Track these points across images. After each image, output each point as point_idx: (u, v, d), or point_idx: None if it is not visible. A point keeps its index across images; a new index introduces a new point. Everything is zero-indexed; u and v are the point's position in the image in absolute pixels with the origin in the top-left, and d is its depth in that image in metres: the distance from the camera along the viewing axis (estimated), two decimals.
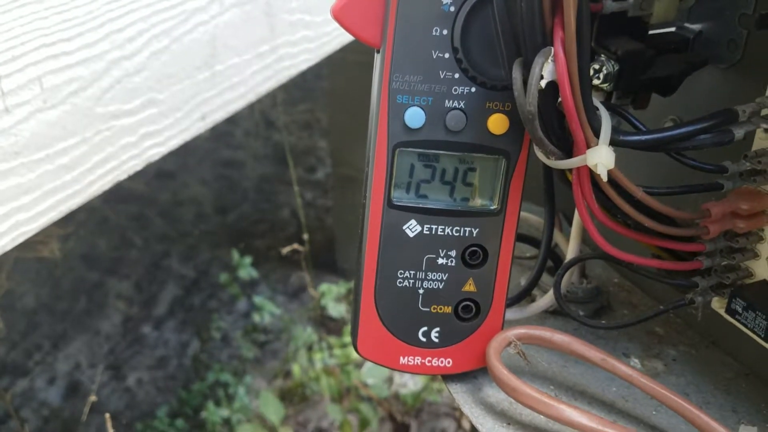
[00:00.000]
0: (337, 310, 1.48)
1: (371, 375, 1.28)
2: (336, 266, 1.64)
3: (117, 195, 0.48)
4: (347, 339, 1.41)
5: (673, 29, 0.39)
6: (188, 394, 1.33)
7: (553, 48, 0.29)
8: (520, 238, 0.47)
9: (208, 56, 0.66)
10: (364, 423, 1.19)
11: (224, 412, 1.26)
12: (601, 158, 0.30)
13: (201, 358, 1.43)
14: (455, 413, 1.29)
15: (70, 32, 0.54)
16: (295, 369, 1.35)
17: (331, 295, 1.49)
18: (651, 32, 0.37)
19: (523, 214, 0.43)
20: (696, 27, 0.39)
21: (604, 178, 0.30)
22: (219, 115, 0.69)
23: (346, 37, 0.77)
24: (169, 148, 0.64)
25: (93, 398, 0.75)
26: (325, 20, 0.81)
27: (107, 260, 1.63)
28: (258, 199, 1.88)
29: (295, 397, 1.33)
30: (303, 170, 1.94)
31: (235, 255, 1.52)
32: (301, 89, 2.02)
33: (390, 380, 1.34)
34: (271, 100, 1.50)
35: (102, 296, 1.57)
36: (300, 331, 1.43)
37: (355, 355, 1.37)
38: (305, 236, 1.05)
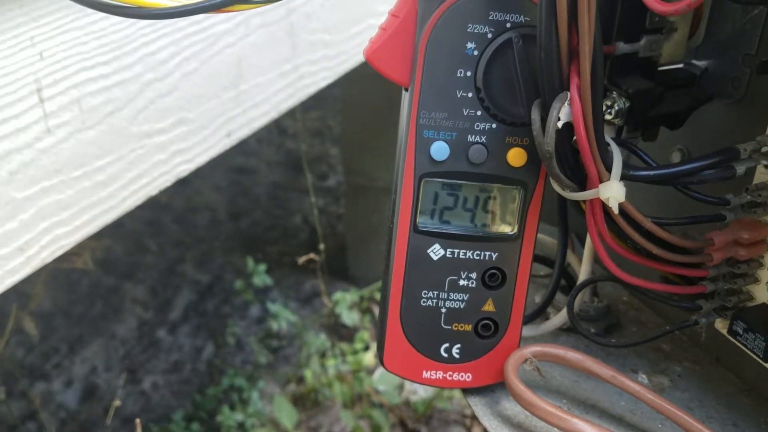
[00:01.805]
0: (350, 317, 1.50)
1: (383, 382, 1.30)
2: (347, 273, 1.66)
3: None
4: (359, 346, 1.43)
5: (681, 66, 0.41)
6: (203, 398, 1.35)
7: (569, 93, 0.32)
8: (536, 258, 0.49)
9: (234, 76, 0.69)
10: (375, 429, 1.22)
11: (239, 416, 1.29)
12: (612, 192, 0.33)
13: (215, 363, 1.46)
14: (465, 421, 1.31)
15: (107, 56, 0.57)
16: (308, 375, 1.37)
17: (345, 304, 1.51)
18: (661, 69, 0.40)
19: (538, 235, 0.46)
20: (702, 64, 0.41)
21: (616, 210, 0.33)
22: (243, 132, 0.72)
23: None
24: (197, 165, 0.67)
25: (117, 403, 0.78)
26: (344, 39, 0.84)
27: (123, 265, 1.66)
28: (270, 206, 1.91)
29: (307, 402, 1.36)
30: (315, 177, 1.97)
31: (250, 262, 1.55)
32: (313, 97, 2.04)
33: (401, 387, 1.37)
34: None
35: (118, 301, 1.59)
36: (313, 337, 1.46)
37: (367, 361, 1.40)
38: (321, 246, 1.08)
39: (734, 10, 0.40)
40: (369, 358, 1.41)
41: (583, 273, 0.43)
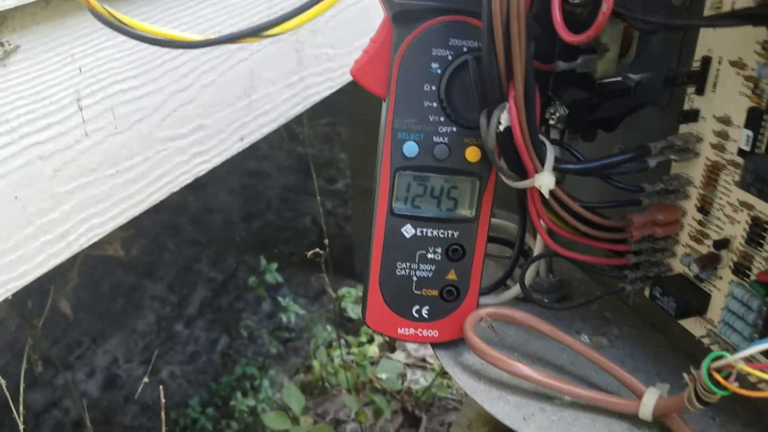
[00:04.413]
0: (355, 312, 1.58)
1: (385, 370, 1.38)
2: (354, 271, 1.74)
3: None
4: (364, 338, 1.52)
5: (619, 79, 0.50)
6: (218, 386, 1.44)
7: (507, 103, 0.40)
8: (500, 241, 0.58)
9: (246, 87, 0.78)
10: (378, 413, 1.30)
11: (251, 402, 1.37)
12: (544, 181, 0.41)
13: (229, 354, 1.54)
14: None
15: (136, 71, 0.65)
16: (316, 365, 1.46)
17: (350, 299, 1.59)
18: (601, 81, 0.48)
19: (502, 222, 0.55)
20: (637, 77, 0.49)
21: (546, 195, 0.42)
22: (255, 136, 0.81)
23: None
24: (213, 165, 0.76)
25: (146, 380, 0.86)
26: (346, 53, 0.93)
27: (143, 264, 1.74)
28: (282, 208, 1.99)
29: (315, 390, 1.44)
30: (324, 181, 2.05)
31: (263, 261, 1.64)
32: (322, 104, 2.12)
33: (403, 376, 1.45)
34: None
35: (138, 297, 1.67)
36: (320, 330, 1.54)
37: (371, 353, 1.48)
38: (326, 241, 1.16)
39: (658, 33, 0.48)
40: (373, 349, 1.49)
41: (536, 251, 0.52)
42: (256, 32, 0.35)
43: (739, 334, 0.41)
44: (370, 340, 1.51)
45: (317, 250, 1.06)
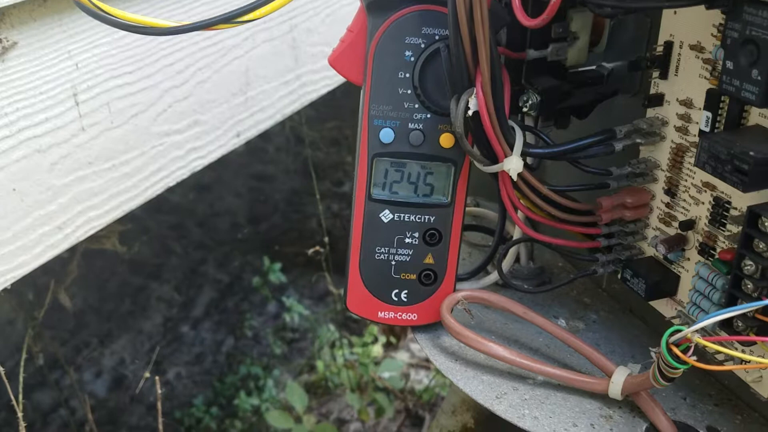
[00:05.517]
0: None
1: (388, 369, 1.40)
2: None
3: (158, 206, 0.58)
4: (368, 338, 1.53)
5: (593, 67, 0.51)
6: (222, 386, 1.46)
7: (475, 88, 0.42)
8: (484, 230, 0.59)
9: (242, 84, 0.80)
10: (380, 412, 1.31)
11: (254, 401, 1.39)
12: (512, 165, 0.43)
13: (234, 354, 1.56)
14: None
15: (132, 66, 0.67)
16: (319, 365, 1.47)
17: None
18: (575, 70, 0.50)
19: (486, 211, 0.56)
20: (610, 66, 0.51)
21: (514, 178, 0.43)
22: (251, 133, 0.83)
23: None
24: (210, 160, 0.78)
25: (147, 375, 0.88)
26: None
27: (150, 266, 1.77)
28: (288, 210, 2.01)
29: (318, 389, 1.45)
30: (330, 183, 2.07)
31: (266, 261, 1.66)
32: (330, 107, 2.14)
33: (406, 376, 1.46)
34: (299, 118, 1.63)
35: (145, 299, 1.70)
36: (324, 330, 1.56)
37: (374, 353, 1.49)
38: (326, 239, 1.18)
39: (628, 22, 0.49)
40: (377, 349, 1.50)
41: (514, 237, 0.53)
42: (228, 19, 0.37)
43: (706, 313, 0.42)
44: (375, 341, 1.52)
45: (317, 248, 1.08)
